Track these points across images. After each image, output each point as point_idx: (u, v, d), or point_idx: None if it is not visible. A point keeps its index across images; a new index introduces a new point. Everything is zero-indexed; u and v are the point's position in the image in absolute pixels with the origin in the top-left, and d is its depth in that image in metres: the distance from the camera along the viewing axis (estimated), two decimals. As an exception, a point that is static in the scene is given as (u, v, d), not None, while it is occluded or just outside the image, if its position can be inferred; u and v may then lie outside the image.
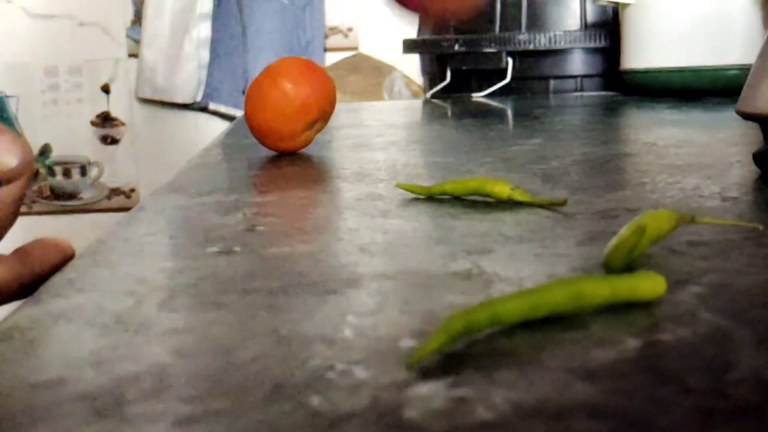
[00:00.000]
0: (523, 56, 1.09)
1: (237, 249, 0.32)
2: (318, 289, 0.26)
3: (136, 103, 2.22)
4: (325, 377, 0.19)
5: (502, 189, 0.39)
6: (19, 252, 0.33)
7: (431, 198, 0.41)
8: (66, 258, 0.34)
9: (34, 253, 0.33)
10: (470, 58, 1.12)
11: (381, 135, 0.73)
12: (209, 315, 0.24)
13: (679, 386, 0.18)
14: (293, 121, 0.58)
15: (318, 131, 0.61)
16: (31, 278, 0.32)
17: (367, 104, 1.18)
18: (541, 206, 0.38)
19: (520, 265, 0.28)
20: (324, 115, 0.60)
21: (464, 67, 1.13)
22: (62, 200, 2.24)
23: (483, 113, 0.93)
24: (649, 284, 0.23)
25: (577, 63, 1.10)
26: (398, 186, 0.41)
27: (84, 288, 0.28)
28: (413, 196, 0.42)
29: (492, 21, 1.11)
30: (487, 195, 0.39)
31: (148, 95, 2.17)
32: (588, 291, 0.22)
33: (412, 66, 1.71)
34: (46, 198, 2.22)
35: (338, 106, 0.64)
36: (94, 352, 0.22)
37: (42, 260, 0.33)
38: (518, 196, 0.38)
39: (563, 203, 0.37)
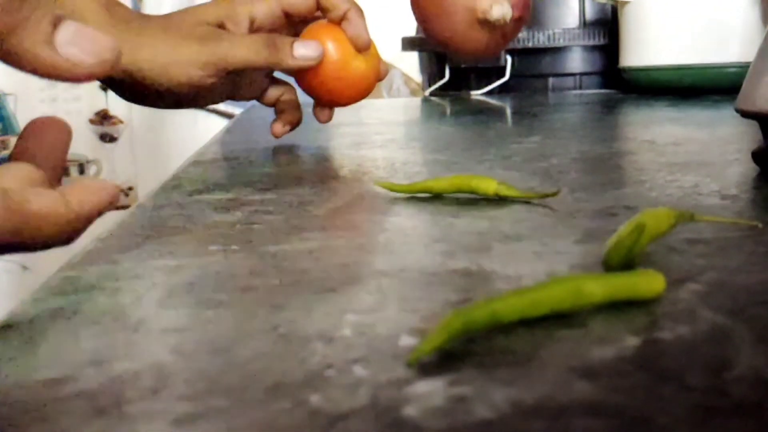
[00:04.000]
0: (522, 54, 1.09)
1: (236, 247, 0.32)
2: (317, 287, 0.26)
3: (135, 102, 2.22)
4: (324, 375, 0.19)
5: (489, 185, 0.38)
6: (59, 191, 0.29)
7: (429, 196, 0.41)
8: (111, 200, 0.30)
9: (75, 193, 0.29)
10: (469, 55, 1.12)
11: (380, 133, 0.73)
12: (208, 313, 0.24)
13: (679, 384, 0.18)
14: (347, 61, 0.59)
15: (376, 66, 0.61)
16: (74, 220, 0.28)
17: (365, 102, 1.17)
18: (529, 201, 0.38)
19: (520, 264, 0.28)
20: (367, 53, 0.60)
21: (463, 65, 1.13)
22: (61, 198, 2.23)
23: (482, 111, 0.93)
24: (648, 282, 0.23)
25: (576, 61, 1.10)
26: (377, 184, 0.41)
27: (83, 286, 0.28)
28: (412, 194, 0.42)
29: (491, 19, 1.11)
30: (473, 192, 0.39)
31: (147, 93, 2.16)
32: (587, 289, 0.22)
33: (411, 64, 1.70)
34: (44, 196, 2.22)
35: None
36: (92, 351, 0.22)
37: (85, 201, 0.29)
38: (505, 191, 0.38)
39: (554, 194, 0.37)
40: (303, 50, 0.56)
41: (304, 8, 0.58)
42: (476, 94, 1.12)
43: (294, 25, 0.60)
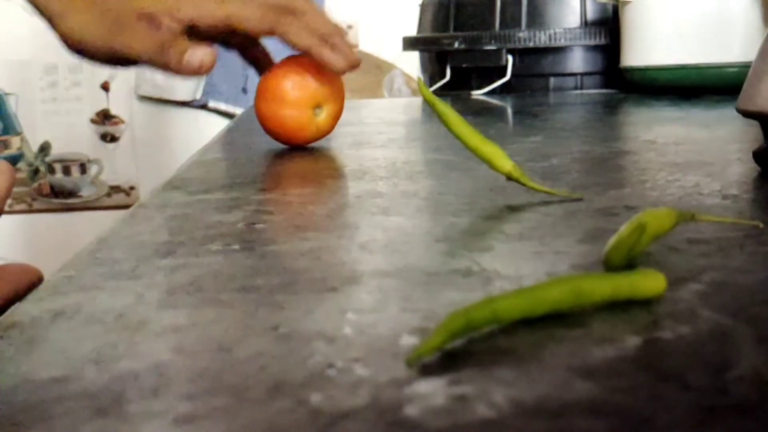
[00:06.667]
0: (523, 54, 1.09)
1: (237, 246, 0.32)
2: (318, 286, 0.26)
3: (136, 101, 2.22)
4: (325, 375, 0.19)
5: (504, 163, 0.38)
6: None
7: (431, 195, 0.41)
8: (30, 284, 0.32)
9: None
10: (470, 55, 1.12)
11: (381, 132, 0.73)
12: (209, 312, 0.24)
13: (679, 384, 0.18)
14: (299, 111, 0.59)
15: (330, 123, 0.62)
16: None
17: (367, 102, 1.18)
18: (548, 194, 0.38)
19: (520, 263, 0.28)
20: (330, 104, 0.61)
21: (464, 65, 1.13)
22: (62, 198, 2.24)
23: (483, 111, 0.93)
24: (649, 282, 0.23)
25: (577, 60, 1.10)
26: (420, 84, 0.39)
27: (84, 286, 0.28)
28: (413, 193, 0.42)
29: (492, 18, 1.11)
30: (489, 162, 0.38)
31: (148, 93, 2.17)
32: (588, 289, 0.22)
33: (412, 64, 1.71)
34: (45, 196, 2.22)
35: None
36: (94, 350, 0.22)
37: (6, 286, 0.31)
38: (517, 174, 0.38)
39: (574, 197, 0.37)
40: (190, 58, 0.57)
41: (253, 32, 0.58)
42: (477, 94, 1.12)
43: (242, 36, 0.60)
